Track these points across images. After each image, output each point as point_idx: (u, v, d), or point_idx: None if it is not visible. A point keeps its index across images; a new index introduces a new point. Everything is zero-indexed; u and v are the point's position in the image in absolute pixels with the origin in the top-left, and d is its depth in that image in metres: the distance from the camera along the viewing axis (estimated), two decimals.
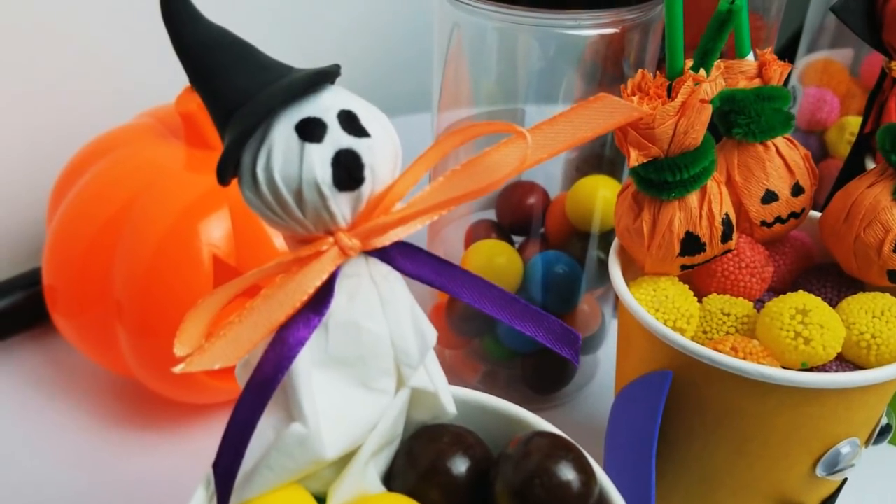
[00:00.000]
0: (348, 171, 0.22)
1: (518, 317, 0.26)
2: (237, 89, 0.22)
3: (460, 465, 0.25)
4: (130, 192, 0.38)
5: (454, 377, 0.48)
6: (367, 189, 0.23)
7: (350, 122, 0.22)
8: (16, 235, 0.50)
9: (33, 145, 0.49)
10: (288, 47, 0.22)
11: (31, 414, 0.44)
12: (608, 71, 0.41)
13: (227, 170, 0.22)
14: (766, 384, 0.28)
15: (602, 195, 0.42)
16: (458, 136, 0.23)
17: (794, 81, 0.54)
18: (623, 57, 0.39)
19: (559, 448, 0.23)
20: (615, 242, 0.35)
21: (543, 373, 0.46)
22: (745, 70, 0.33)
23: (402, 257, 0.25)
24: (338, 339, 0.24)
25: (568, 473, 0.23)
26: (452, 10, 0.38)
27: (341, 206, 0.22)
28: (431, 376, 0.25)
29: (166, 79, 0.38)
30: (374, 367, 0.24)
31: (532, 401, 0.47)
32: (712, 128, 0.35)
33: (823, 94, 0.53)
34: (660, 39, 0.40)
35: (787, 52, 0.57)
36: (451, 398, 0.26)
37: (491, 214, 0.47)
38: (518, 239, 0.47)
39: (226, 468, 0.22)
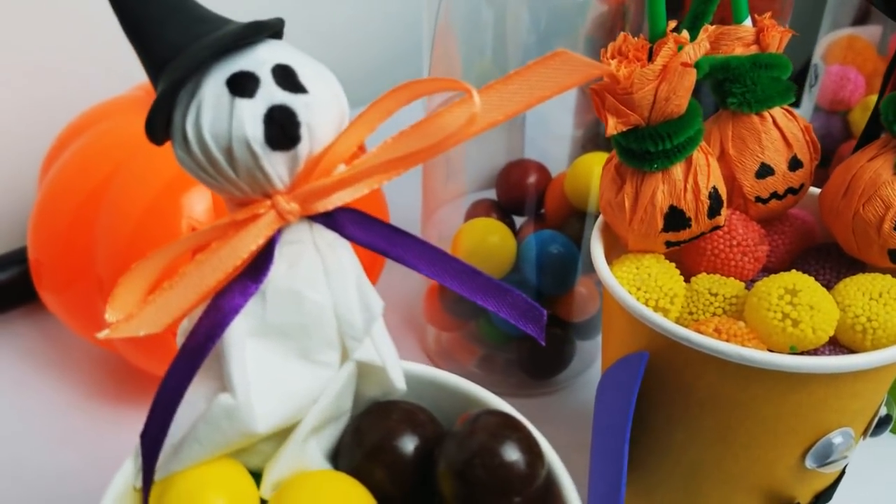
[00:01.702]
0: (282, 128, 0.21)
1: (480, 290, 0.25)
2: (169, 42, 0.21)
3: (408, 444, 0.23)
4: (111, 166, 0.38)
5: (451, 361, 0.46)
6: (305, 149, 0.21)
7: (286, 77, 0.21)
8: (10, 211, 0.50)
9: (28, 120, 0.49)
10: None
11: (22, 388, 0.44)
12: (607, 44, 0.39)
13: (156, 127, 0.21)
14: (747, 368, 0.27)
15: (600, 173, 0.40)
16: (402, 93, 0.22)
17: (816, 59, 0.52)
18: (620, 29, 0.37)
19: (506, 427, 0.22)
20: (599, 218, 0.33)
21: (539, 357, 0.44)
22: (741, 36, 0.31)
23: (351, 224, 0.23)
24: (276, 307, 0.22)
25: (512, 454, 0.21)
26: None
27: (276, 166, 0.21)
28: (379, 350, 0.24)
29: None
30: (316, 339, 0.23)
31: (529, 386, 0.45)
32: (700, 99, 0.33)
33: (847, 72, 0.50)
34: None
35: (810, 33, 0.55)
36: (401, 373, 0.25)
37: (491, 194, 0.46)
38: (520, 220, 0.45)
39: (152, 438, 0.21)
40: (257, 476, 0.23)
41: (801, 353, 0.28)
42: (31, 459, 0.40)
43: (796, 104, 0.55)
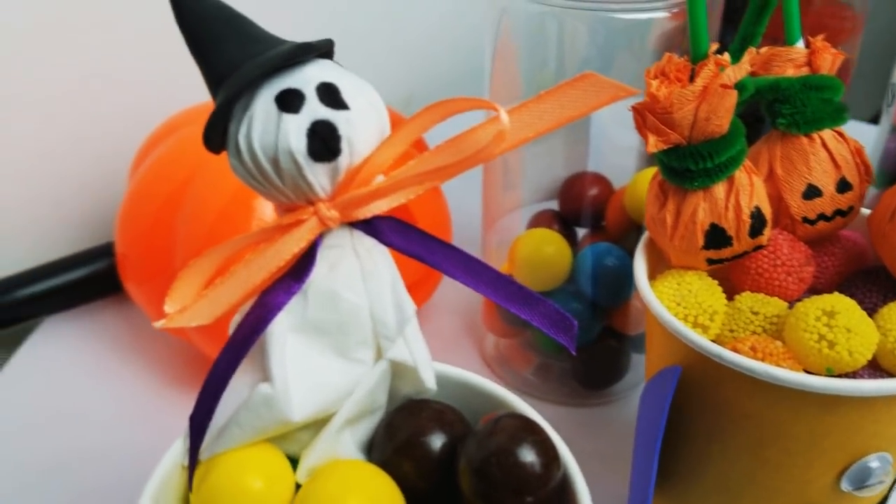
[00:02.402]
0: (324, 141, 0.22)
1: (513, 299, 0.26)
2: (227, 60, 0.23)
3: (436, 441, 0.25)
4: (189, 171, 0.41)
5: (507, 368, 0.47)
6: (345, 161, 0.23)
7: (329, 94, 0.23)
8: (102, 208, 0.54)
9: (119, 125, 0.52)
10: (353, 62, 0.24)
11: (106, 372, 0.47)
12: None
13: (213, 138, 0.23)
14: (778, 387, 0.27)
15: None
16: (437, 111, 0.23)
17: (894, 79, 0.51)
18: (679, 45, 0.38)
19: (524, 430, 0.23)
20: (645, 233, 0.34)
21: (593, 368, 0.45)
22: (793, 58, 0.32)
23: (390, 232, 0.25)
24: (316, 306, 0.24)
25: (528, 455, 0.22)
26: None
27: (318, 176, 0.23)
28: (412, 350, 0.26)
29: None
30: (353, 337, 0.25)
31: (583, 395, 0.46)
32: (760, 121, 0.33)
33: None
34: (719, 25, 0.38)
35: None
36: (432, 374, 0.26)
37: (555, 205, 0.47)
38: (582, 231, 0.46)
39: (199, 421, 0.24)
40: (296, 462, 0.25)
41: (839, 376, 0.28)
42: (111, 437, 0.43)
43: (875, 123, 0.53)
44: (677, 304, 0.30)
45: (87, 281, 0.50)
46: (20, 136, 0.50)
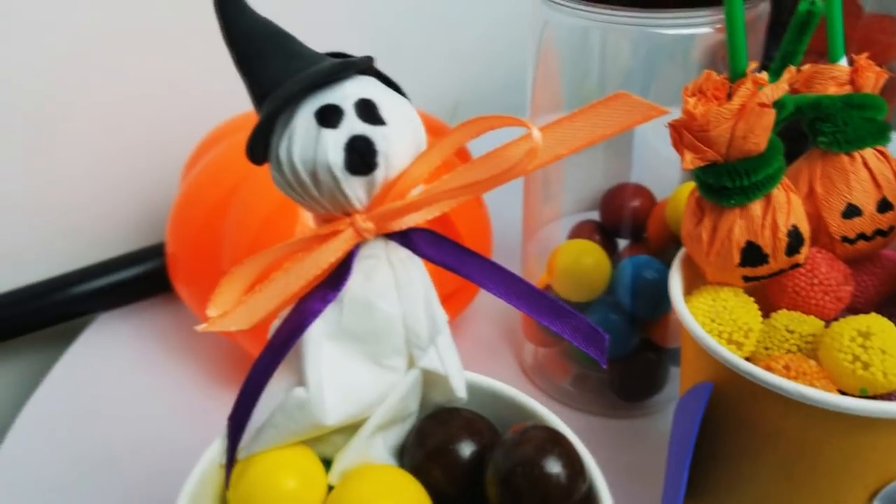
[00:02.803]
0: (361, 156, 0.23)
1: (545, 312, 0.26)
2: (269, 76, 0.24)
3: (465, 449, 0.25)
4: (239, 177, 0.42)
5: (545, 377, 0.48)
6: (381, 174, 0.24)
7: (367, 110, 0.24)
8: (154, 209, 0.55)
9: (172, 130, 0.54)
10: (401, 72, 0.24)
11: (154, 368, 0.49)
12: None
13: (255, 151, 0.24)
14: (810, 407, 0.27)
15: None
16: (472, 127, 0.24)
17: None
18: (721, 57, 0.38)
19: (550, 442, 0.24)
20: (682, 249, 0.34)
21: (630, 380, 0.45)
22: (835, 76, 0.31)
23: (425, 244, 0.26)
24: (351, 315, 0.25)
25: (553, 467, 0.23)
26: (543, 9, 0.38)
27: (355, 189, 0.24)
28: (443, 360, 0.26)
29: None
30: (386, 345, 0.25)
31: (621, 407, 0.46)
32: (804, 136, 0.33)
33: None
34: (763, 39, 0.38)
35: None
36: (464, 383, 0.27)
37: (596, 216, 0.47)
38: (624, 243, 0.46)
39: (237, 422, 0.24)
40: (330, 464, 0.26)
41: (874, 397, 0.28)
42: (158, 432, 0.44)
43: None
44: (712, 320, 0.30)
45: (138, 280, 0.52)
46: (80, 142, 0.52)
